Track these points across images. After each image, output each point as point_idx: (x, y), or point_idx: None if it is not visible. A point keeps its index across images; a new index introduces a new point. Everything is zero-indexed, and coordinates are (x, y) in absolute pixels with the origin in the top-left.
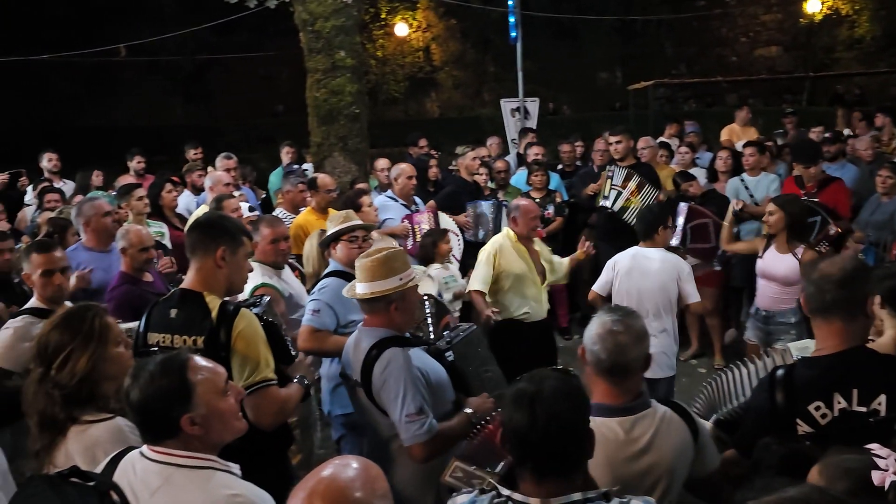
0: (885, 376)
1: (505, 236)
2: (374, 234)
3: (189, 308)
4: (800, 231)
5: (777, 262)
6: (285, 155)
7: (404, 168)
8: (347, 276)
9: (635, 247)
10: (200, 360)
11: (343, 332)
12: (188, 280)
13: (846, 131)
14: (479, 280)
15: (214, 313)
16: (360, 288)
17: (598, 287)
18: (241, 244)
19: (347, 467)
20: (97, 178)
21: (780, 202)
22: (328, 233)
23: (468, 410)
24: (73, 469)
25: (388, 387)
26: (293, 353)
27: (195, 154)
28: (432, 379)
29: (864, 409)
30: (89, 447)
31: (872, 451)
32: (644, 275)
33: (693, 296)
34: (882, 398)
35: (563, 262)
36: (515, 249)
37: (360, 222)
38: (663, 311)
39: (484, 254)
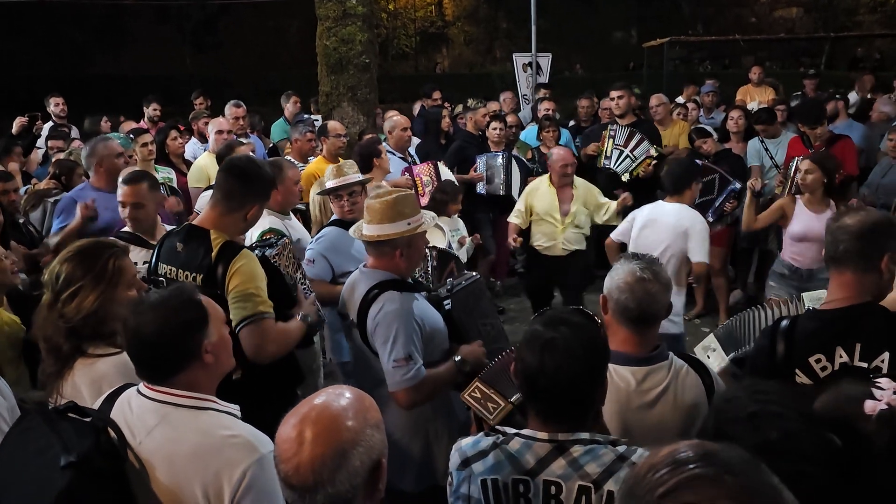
0: (890, 334)
1: (543, 179)
2: (384, 183)
3: (193, 244)
4: (834, 187)
5: (815, 223)
6: (292, 105)
7: (398, 120)
8: (347, 226)
9: (659, 201)
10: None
11: (340, 281)
12: (203, 217)
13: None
14: (514, 213)
15: (215, 252)
16: (367, 229)
17: (615, 235)
18: (269, 199)
19: (341, 396)
20: (105, 124)
21: (816, 160)
22: (322, 189)
23: (457, 358)
24: (69, 405)
25: (381, 330)
26: (306, 295)
27: (199, 103)
28: (428, 327)
29: (865, 366)
30: (96, 380)
31: (877, 383)
32: (658, 229)
33: (697, 253)
34: (885, 356)
35: (611, 208)
36: (547, 191)
37: (343, 181)
38: (672, 268)
39: (524, 192)
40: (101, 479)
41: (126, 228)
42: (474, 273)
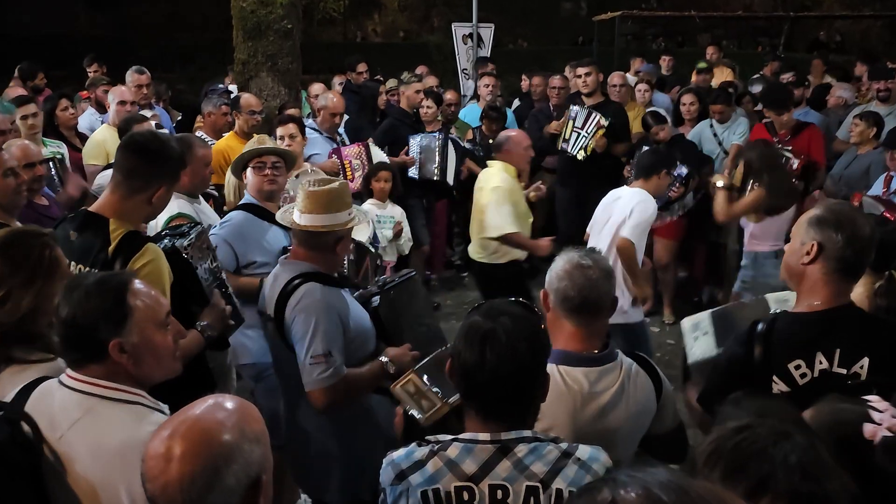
0: (869, 338)
1: (502, 170)
2: (307, 165)
3: (89, 234)
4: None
5: None
6: None
7: (331, 104)
8: (258, 211)
9: (623, 186)
10: (143, 286)
11: (245, 273)
12: (101, 202)
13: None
14: (511, 220)
15: (113, 245)
16: (305, 219)
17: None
18: (178, 180)
19: (218, 407)
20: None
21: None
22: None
23: (383, 359)
24: None
25: (299, 323)
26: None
27: (93, 70)
28: (352, 324)
29: (844, 372)
30: None
31: (870, 403)
32: (604, 209)
33: (626, 228)
34: (864, 361)
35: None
36: (519, 188)
37: (272, 147)
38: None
39: (497, 193)
40: (15, 472)
41: None
42: (411, 270)
